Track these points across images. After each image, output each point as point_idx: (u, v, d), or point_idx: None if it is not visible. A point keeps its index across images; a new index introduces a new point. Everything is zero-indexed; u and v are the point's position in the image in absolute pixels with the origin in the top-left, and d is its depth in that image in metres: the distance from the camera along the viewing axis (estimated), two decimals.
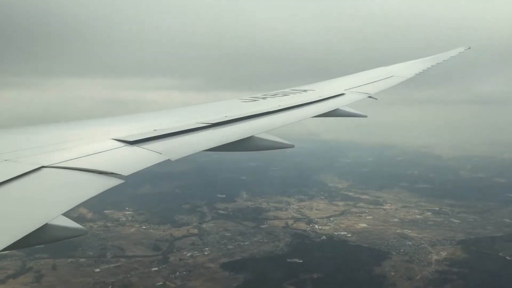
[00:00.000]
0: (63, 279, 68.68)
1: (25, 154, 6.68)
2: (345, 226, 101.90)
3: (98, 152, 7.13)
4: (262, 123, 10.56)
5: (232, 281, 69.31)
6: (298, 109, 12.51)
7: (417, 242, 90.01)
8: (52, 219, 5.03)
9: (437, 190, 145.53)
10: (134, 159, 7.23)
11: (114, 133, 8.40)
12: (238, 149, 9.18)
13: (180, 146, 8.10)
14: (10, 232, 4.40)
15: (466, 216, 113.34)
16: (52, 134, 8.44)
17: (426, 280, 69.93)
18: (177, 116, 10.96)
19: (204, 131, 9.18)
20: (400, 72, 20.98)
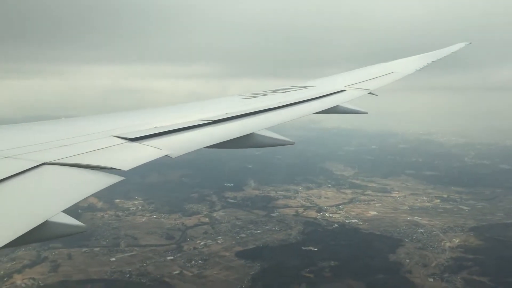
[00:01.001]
0: (79, 268, 68.63)
1: (26, 151, 6.63)
2: (355, 214, 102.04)
3: (98, 149, 7.09)
4: (263, 120, 10.51)
5: (249, 270, 69.37)
6: (298, 106, 12.49)
7: (428, 229, 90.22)
8: (52, 216, 5.06)
9: (444, 177, 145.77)
10: (134, 155, 7.19)
11: (115, 130, 8.38)
12: (238, 146, 9.17)
13: (181, 143, 8.09)
14: (10, 229, 4.39)
15: (475, 203, 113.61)
16: (53, 131, 8.43)
17: (442, 267, 70.13)
18: (178, 112, 10.97)
19: (204, 128, 9.15)
20: (401, 68, 21.02)
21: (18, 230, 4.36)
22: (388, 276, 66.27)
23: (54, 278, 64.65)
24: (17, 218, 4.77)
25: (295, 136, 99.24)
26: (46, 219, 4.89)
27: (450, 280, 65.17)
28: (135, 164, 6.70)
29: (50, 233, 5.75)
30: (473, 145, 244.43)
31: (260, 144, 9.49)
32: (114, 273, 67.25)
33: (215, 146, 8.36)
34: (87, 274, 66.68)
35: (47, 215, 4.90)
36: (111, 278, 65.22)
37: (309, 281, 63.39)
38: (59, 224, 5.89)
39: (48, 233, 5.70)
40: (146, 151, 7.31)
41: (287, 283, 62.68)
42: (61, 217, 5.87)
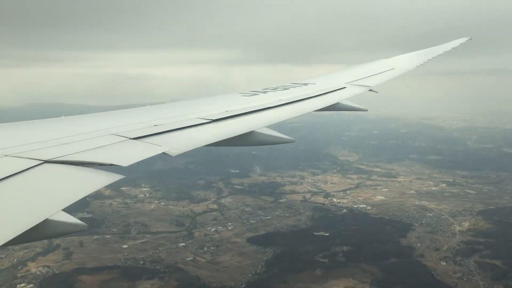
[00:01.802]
0: (92, 256, 68.71)
1: (26, 149, 6.64)
2: (362, 199, 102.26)
3: (99, 147, 7.12)
4: (263, 118, 10.47)
5: (262, 255, 69.57)
6: (298, 103, 12.50)
7: (437, 213, 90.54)
8: (52, 214, 5.07)
9: (448, 162, 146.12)
10: (134, 152, 7.20)
11: (115, 128, 8.40)
12: (238, 144, 9.20)
13: (181, 141, 8.06)
14: (10, 228, 4.38)
15: (481, 187, 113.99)
16: (53, 129, 8.44)
17: (454, 250, 70.48)
18: (178, 110, 10.95)
19: (204, 126, 9.18)
20: (401, 64, 21.01)
21: (18, 228, 4.35)
22: (401, 260, 66.58)
23: (68, 265, 64.73)
24: (18, 216, 4.77)
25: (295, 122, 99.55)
26: (47, 217, 4.91)
27: (462, 263, 65.52)
28: (134, 160, 6.71)
29: (50, 231, 5.84)
30: (474, 129, 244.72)
31: (260, 142, 9.52)
32: (128, 260, 67.33)
33: (215, 144, 8.39)
34: (100, 261, 66.75)
35: (47, 213, 4.92)
36: (125, 265, 65.27)
37: (323, 266, 63.58)
38: (59, 223, 5.94)
39: (49, 231, 5.78)
40: (146, 149, 7.34)
41: (302, 268, 62.83)
42: (61, 216, 5.94)
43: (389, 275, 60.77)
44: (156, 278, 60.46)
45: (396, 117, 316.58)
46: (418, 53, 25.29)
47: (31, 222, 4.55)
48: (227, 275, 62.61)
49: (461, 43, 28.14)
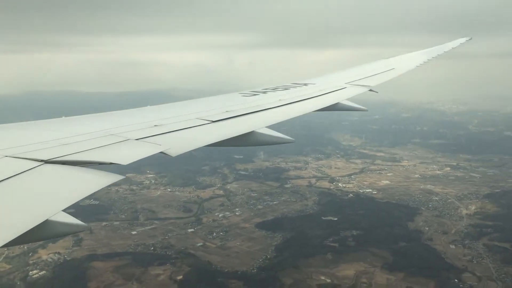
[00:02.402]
0: (102, 242, 68.84)
1: (27, 150, 6.70)
2: (368, 184, 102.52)
3: (99, 147, 7.17)
4: (263, 118, 10.51)
5: (271, 240, 69.83)
6: (298, 104, 12.55)
7: (443, 197, 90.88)
8: (52, 215, 5.08)
9: (451, 145, 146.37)
10: (134, 152, 7.27)
11: (115, 128, 8.47)
12: (239, 144, 9.23)
13: (181, 141, 8.10)
14: (10, 229, 4.39)
15: (485, 170, 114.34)
16: (53, 130, 8.46)
17: (462, 234, 70.85)
18: (178, 110, 10.98)
19: (204, 126, 9.23)
20: (401, 64, 21.03)
21: (19, 229, 4.35)
22: (410, 244, 66.95)
23: (79, 252, 64.84)
24: (18, 217, 4.77)
25: None
26: (47, 218, 4.91)
27: (471, 246, 65.88)
28: (134, 159, 6.76)
29: (51, 232, 5.82)
30: (475, 113, 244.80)
31: (260, 142, 9.53)
32: (138, 246, 67.52)
33: (215, 144, 8.40)
34: (111, 247, 66.89)
35: (47, 214, 4.93)
36: (136, 251, 65.43)
37: (334, 251, 63.89)
38: (59, 223, 5.92)
39: (49, 232, 5.76)
40: (146, 148, 7.41)
41: (313, 253, 63.11)
42: (61, 216, 5.89)
43: (400, 259, 61.09)
44: (168, 263, 60.62)
45: (396, 101, 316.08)
46: (419, 53, 25.49)
47: (32, 223, 4.55)
48: (238, 260, 62.87)
49: (461, 43, 28.49)
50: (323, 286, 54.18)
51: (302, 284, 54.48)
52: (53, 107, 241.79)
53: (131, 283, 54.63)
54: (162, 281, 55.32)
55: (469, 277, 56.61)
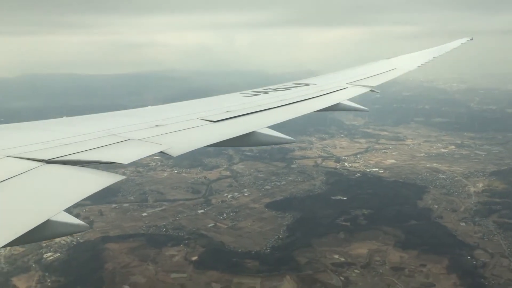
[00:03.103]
0: (114, 224, 69.00)
1: (28, 150, 6.74)
2: (374, 163, 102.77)
3: (100, 147, 7.22)
4: (264, 118, 10.61)
5: (282, 220, 70.09)
6: (299, 104, 12.68)
7: (450, 175, 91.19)
8: (53, 215, 5.16)
9: (454, 124, 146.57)
10: (135, 151, 7.35)
11: (116, 128, 8.53)
12: (239, 145, 9.35)
13: (182, 142, 8.17)
14: (12, 229, 4.41)
15: (490, 148, 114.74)
16: (55, 130, 8.56)
17: (471, 211, 71.22)
18: (179, 111, 11.04)
19: (205, 127, 9.33)
20: (403, 64, 21.29)
21: (20, 229, 4.36)
22: (421, 222, 67.29)
23: (91, 234, 64.95)
24: (19, 217, 4.78)
25: None
26: (48, 218, 4.95)
27: (482, 223, 66.30)
28: (135, 158, 6.91)
29: (52, 232, 5.90)
30: (475, 91, 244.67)
31: (261, 142, 9.67)
32: (150, 228, 67.71)
33: (216, 144, 8.52)
34: (123, 229, 67.06)
35: (49, 214, 4.97)
36: (148, 233, 65.64)
37: (346, 230, 64.22)
38: (61, 223, 5.99)
39: (50, 232, 5.84)
40: (147, 148, 7.53)
41: (325, 232, 63.44)
42: (63, 216, 5.99)
43: (412, 237, 61.48)
44: (182, 244, 60.88)
45: (396, 80, 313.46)
46: (420, 54, 25.86)
47: (33, 223, 4.56)
48: (250, 240, 63.17)
49: (462, 44, 28.72)
50: (338, 265, 54.48)
51: (317, 263, 54.82)
52: (53, 90, 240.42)
53: (147, 264, 54.88)
54: (177, 262, 55.61)
55: (481, 254, 57.06)
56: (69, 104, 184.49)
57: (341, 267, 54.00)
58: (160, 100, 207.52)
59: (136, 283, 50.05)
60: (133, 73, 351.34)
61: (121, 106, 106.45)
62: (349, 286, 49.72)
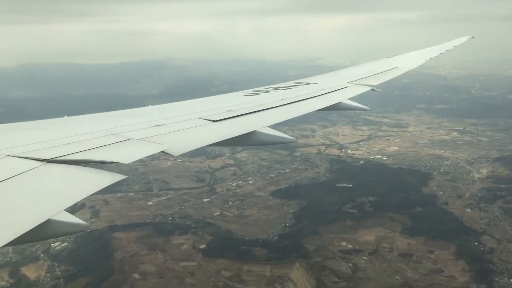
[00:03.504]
0: (120, 213, 69.04)
1: (29, 150, 6.77)
2: (377, 150, 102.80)
3: (101, 146, 7.24)
4: (265, 118, 10.61)
5: (288, 208, 70.19)
6: (300, 103, 12.67)
7: (453, 161, 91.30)
8: (54, 214, 5.14)
9: (456, 110, 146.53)
10: (136, 151, 7.37)
11: (117, 127, 8.53)
12: (240, 144, 9.36)
13: (183, 141, 8.20)
14: (12, 228, 4.43)
15: (492, 134, 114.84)
16: (55, 130, 8.55)
17: (476, 197, 71.41)
18: (180, 110, 11.06)
19: (206, 126, 9.34)
20: (404, 63, 21.08)
21: (20, 228, 4.37)
22: (427, 209, 67.45)
23: (98, 223, 65.02)
24: (20, 216, 4.80)
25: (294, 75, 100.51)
26: (49, 217, 4.97)
27: (487, 209, 66.50)
28: (136, 158, 6.89)
29: (52, 231, 5.89)
30: (475, 77, 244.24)
31: (262, 142, 9.62)
32: (156, 217, 67.77)
33: (217, 144, 8.53)
34: (129, 218, 67.12)
35: (50, 213, 4.98)
36: (155, 222, 65.72)
37: (353, 217, 64.37)
38: (61, 223, 5.98)
39: (51, 231, 5.83)
40: (148, 147, 7.53)
41: (332, 219, 63.59)
42: (63, 216, 5.97)
43: (418, 224, 61.69)
44: (189, 233, 60.99)
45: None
46: (421, 52, 25.85)
47: (34, 222, 4.58)
48: (257, 228, 63.32)
49: (463, 42, 28.78)
50: (346, 252, 54.70)
51: (325, 251, 55.03)
52: (52, 79, 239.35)
53: (156, 253, 55.01)
54: (186, 251, 55.76)
55: (488, 239, 57.33)
56: (69, 93, 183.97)
57: (349, 254, 54.23)
58: (159, 88, 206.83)
59: (146, 272, 50.20)
60: (132, 62, 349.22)
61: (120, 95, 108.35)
62: (358, 273, 49.90)
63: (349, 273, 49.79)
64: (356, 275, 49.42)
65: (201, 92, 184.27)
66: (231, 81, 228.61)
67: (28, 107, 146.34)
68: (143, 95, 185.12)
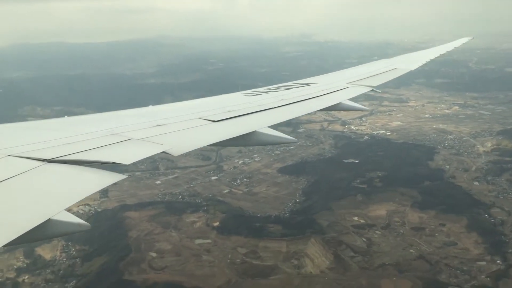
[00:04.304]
0: (129, 193, 68.95)
1: (29, 149, 6.78)
2: (380, 125, 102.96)
3: (101, 146, 7.25)
4: (265, 118, 10.73)
5: (296, 184, 70.44)
6: (300, 104, 12.80)
7: (457, 135, 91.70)
8: (55, 214, 5.12)
9: (456, 84, 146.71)
10: (137, 151, 7.41)
11: (117, 127, 8.57)
12: (241, 144, 9.51)
13: (183, 141, 8.26)
14: (13, 228, 4.41)
15: (494, 108, 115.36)
16: (56, 130, 8.58)
17: (483, 170, 71.90)
18: (181, 110, 11.13)
19: (207, 126, 9.41)
20: (403, 64, 21.11)
21: (21, 228, 4.37)
22: (435, 183, 67.89)
23: (108, 203, 65.03)
24: (21, 216, 4.80)
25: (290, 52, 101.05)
26: (49, 217, 4.97)
27: (495, 182, 67.02)
28: (136, 158, 7.01)
29: (53, 231, 5.87)
30: (472, 51, 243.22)
31: (262, 142, 9.72)
32: (165, 195, 67.84)
33: (217, 144, 8.67)
34: (139, 197, 67.08)
35: (50, 213, 4.99)
36: (165, 200, 65.78)
37: (363, 192, 64.70)
38: (62, 223, 5.95)
39: (51, 231, 5.82)
40: (148, 148, 7.58)
41: (342, 195, 63.93)
42: (64, 215, 5.92)
43: (428, 197, 62.12)
44: (201, 211, 61.12)
45: (391, 42, 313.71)
46: (421, 53, 26.20)
47: (34, 222, 4.57)
48: (268, 205, 63.54)
49: (463, 43, 28.97)
50: (359, 227, 55.15)
51: (338, 226, 55.44)
52: (46, 59, 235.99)
53: (170, 231, 55.18)
54: (199, 228, 55.98)
55: (498, 212, 57.92)
56: (65, 73, 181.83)
57: (362, 229, 54.65)
58: (156, 67, 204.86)
59: (162, 250, 50.42)
60: (127, 40, 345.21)
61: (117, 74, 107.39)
62: (372, 247, 50.41)
63: (364, 247, 50.28)
64: (371, 249, 49.90)
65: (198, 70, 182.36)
66: (227, 59, 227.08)
67: (25, 88, 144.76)
68: (141, 74, 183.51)
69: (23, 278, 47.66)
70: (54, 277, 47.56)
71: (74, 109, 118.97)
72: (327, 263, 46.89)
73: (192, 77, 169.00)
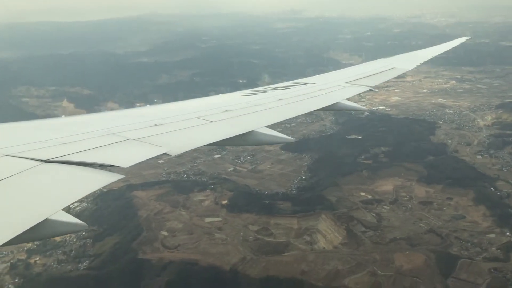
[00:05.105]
0: (132, 173, 68.24)
1: (26, 149, 6.77)
2: (379, 101, 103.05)
3: (99, 147, 7.21)
4: (263, 118, 10.85)
5: (301, 161, 70.54)
6: (298, 103, 12.84)
7: (456, 109, 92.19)
8: (52, 214, 5.10)
9: (451, 58, 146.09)
10: (134, 153, 7.39)
11: (115, 127, 8.56)
12: (238, 144, 9.52)
13: (180, 141, 8.33)
14: (9, 228, 4.38)
15: (490, 81, 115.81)
16: (53, 129, 8.54)
17: (485, 144, 72.50)
18: (178, 110, 11.08)
19: (204, 126, 9.42)
20: (401, 63, 21.43)
21: (17, 228, 4.36)
22: (439, 157, 68.34)
23: (113, 184, 63.62)
24: (17, 216, 4.78)
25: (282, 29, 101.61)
26: (46, 217, 4.96)
27: (498, 156, 67.61)
28: (135, 161, 7.00)
29: (50, 231, 5.85)
30: (465, 24, 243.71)
31: (260, 141, 9.83)
32: (170, 175, 67.60)
33: (215, 144, 8.74)
34: (143, 177, 66.67)
35: (47, 213, 4.98)
36: (171, 180, 65.52)
37: (369, 168, 64.89)
38: (59, 222, 5.94)
39: (48, 231, 5.79)
40: (146, 149, 7.64)
41: (348, 171, 64.03)
42: (61, 215, 5.93)
43: (433, 172, 62.53)
44: (208, 189, 61.00)
45: (383, 17, 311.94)
46: (418, 53, 26.24)
47: (31, 222, 4.57)
48: (274, 182, 63.58)
49: (461, 42, 29.05)
50: (367, 202, 55.44)
51: (346, 201, 55.70)
52: (36, 39, 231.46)
53: (179, 210, 55.07)
54: (209, 207, 55.91)
55: (503, 185, 58.46)
56: (56, 52, 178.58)
57: (371, 204, 54.93)
58: (148, 45, 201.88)
59: (173, 229, 50.36)
60: (117, 18, 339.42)
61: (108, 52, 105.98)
62: (382, 222, 50.78)
63: (375, 222, 50.61)
64: (382, 224, 50.25)
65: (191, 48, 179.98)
66: (219, 36, 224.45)
67: (18, 69, 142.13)
68: (133, 52, 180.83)
69: (35, 259, 47.33)
70: (66, 257, 47.30)
71: (69, 89, 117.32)
72: (339, 239, 47.17)
73: (186, 55, 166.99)
